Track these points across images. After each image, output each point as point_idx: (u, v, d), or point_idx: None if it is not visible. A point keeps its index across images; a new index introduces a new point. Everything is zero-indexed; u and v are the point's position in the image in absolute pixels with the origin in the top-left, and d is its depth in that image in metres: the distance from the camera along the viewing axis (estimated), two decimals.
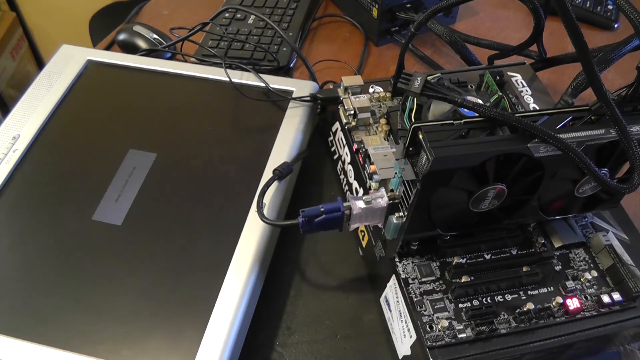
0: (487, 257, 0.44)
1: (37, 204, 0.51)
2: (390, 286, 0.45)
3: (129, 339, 0.43)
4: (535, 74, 0.55)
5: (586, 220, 0.48)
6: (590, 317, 0.42)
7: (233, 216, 0.50)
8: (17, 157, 0.54)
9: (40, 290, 0.45)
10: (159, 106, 0.60)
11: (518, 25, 0.80)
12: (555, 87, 0.70)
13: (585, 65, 0.35)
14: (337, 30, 0.78)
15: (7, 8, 1.38)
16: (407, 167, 0.39)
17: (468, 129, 0.38)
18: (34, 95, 0.59)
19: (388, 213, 0.42)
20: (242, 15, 0.76)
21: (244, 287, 0.45)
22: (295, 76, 0.71)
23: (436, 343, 0.40)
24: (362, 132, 0.51)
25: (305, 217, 0.42)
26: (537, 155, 0.38)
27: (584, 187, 0.43)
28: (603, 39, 0.78)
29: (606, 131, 0.38)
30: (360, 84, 0.52)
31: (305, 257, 0.53)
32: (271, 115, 0.58)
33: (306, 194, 0.58)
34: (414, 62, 0.74)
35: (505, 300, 0.42)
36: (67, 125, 0.57)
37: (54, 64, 0.63)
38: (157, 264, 0.47)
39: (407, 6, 0.71)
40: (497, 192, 0.40)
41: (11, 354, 0.42)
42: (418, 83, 0.40)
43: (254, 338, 0.47)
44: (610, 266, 0.44)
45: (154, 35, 0.70)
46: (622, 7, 0.36)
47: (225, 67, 0.60)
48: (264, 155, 0.54)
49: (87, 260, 0.47)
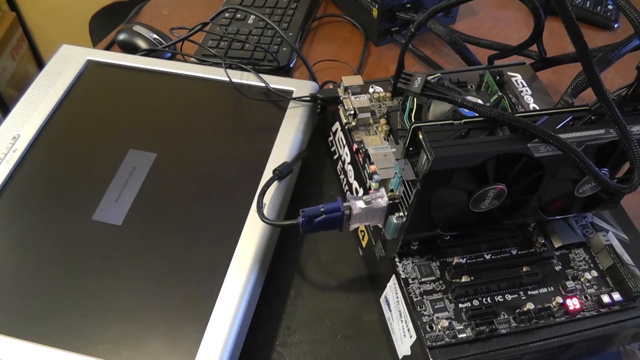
0: (487, 257, 0.44)
1: (37, 204, 0.51)
2: (390, 286, 0.45)
3: (129, 339, 0.43)
4: (535, 74, 0.55)
5: (586, 220, 0.48)
6: (590, 317, 0.42)
7: (233, 216, 0.50)
8: (17, 157, 0.54)
9: (40, 290, 0.45)
10: (159, 106, 0.60)
11: (518, 25, 0.80)
12: (555, 87, 0.70)
13: (585, 65, 0.35)
14: (337, 30, 0.78)
15: (7, 8, 1.38)
16: (407, 167, 0.39)
17: (468, 129, 0.38)
18: (34, 95, 0.59)
19: (388, 213, 0.42)
20: (242, 15, 0.76)
21: (244, 287, 0.45)
22: (295, 76, 0.71)
23: (436, 343, 0.40)
24: (362, 132, 0.51)
25: (305, 217, 0.42)
26: (537, 155, 0.38)
27: (584, 187, 0.43)
28: (603, 39, 0.78)
29: (606, 131, 0.38)
30: (360, 84, 0.52)
31: (305, 257, 0.53)
32: (271, 115, 0.58)
33: (306, 194, 0.58)
34: (414, 62, 0.74)
35: (505, 300, 0.42)
36: (67, 125, 0.57)
37: (54, 64, 0.63)
38: (157, 264, 0.47)
39: (407, 6, 0.71)
40: (497, 192, 0.40)
41: (11, 354, 0.42)
42: (418, 83, 0.40)
43: (254, 338, 0.47)
44: (610, 266, 0.44)
45: (154, 35, 0.70)
46: (622, 7, 0.36)
47: (225, 67, 0.60)
48: (264, 155, 0.54)
49: (87, 260, 0.47)
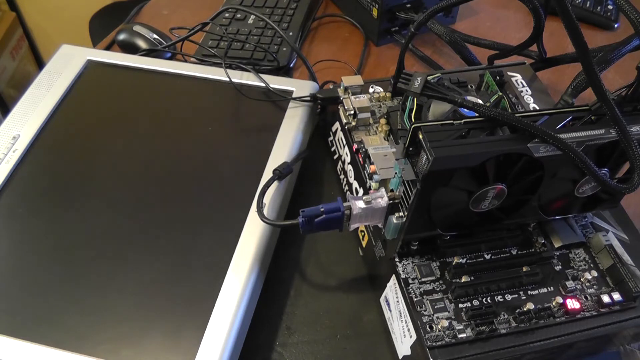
0: (487, 257, 0.44)
1: (37, 204, 0.51)
2: (390, 286, 0.45)
3: (129, 339, 0.43)
4: (535, 74, 0.55)
5: (586, 220, 0.48)
6: (590, 317, 0.42)
7: (233, 216, 0.50)
8: (17, 157, 0.54)
9: (40, 290, 0.45)
10: (159, 106, 0.60)
11: (518, 25, 0.80)
12: (555, 87, 0.70)
13: (585, 65, 0.35)
14: (337, 30, 0.78)
15: (7, 8, 1.38)
16: (407, 167, 0.39)
17: (468, 129, 0.38)
18: (34, 95, 0.59)
19: (388, 213, 0.42)
20: (242, 15, 0.76)
21: (244, 287, 0.45)
22: (295, 76, 0.71)
23: (436, 343, 0.40)
24: (362, 132, 0.51)
25: (305, 217, 0.42)
26: (537, 155, 0.38)
27: (584, 187, 0.43)
28: (603, 39, 0.78)
29: (606, 131, 0.38)
30: (360, 84, 0.52)
31: (305, 257, 0.53)
32: (271, 115, 0.58)
33: (306, 194, 0.58)
34: (414, 62, 0.74)
35: (505, 300, 0.42)
36: (67, 125, 0.57)
37: (54, 64, 0.63)
38: (157, 264, 0.47)
39: (407, 6, 0.71)
40: (497, 192, 0.40)
41: (11, 354, 0.42)
42: (418, 83, 0.40)
43: (254, 338, 0.47)
44: (610, 266, 0.44)
45: (154, 35, 0.70)
46: (622, 7, 0.36)
47: (225, 67, 0.60)
48: (264, 155, 0.54)
49: (87, 260, 0.47)
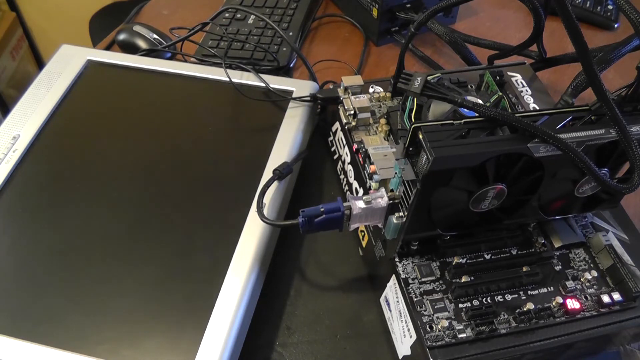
0: (487, 257, 0.44)
1: (37, 204, 0.51)
2: (390, 286, 0.45)
3: (129, 339, 0.43)
4: (535, 74, 0.55)
5: (586, 220, 0.48)
6: (590, 317, 0.42)
7: (233, 216, 0.50)
8: (17, 157, 0.54)
9: (40, 290, 0.45)
10: (159, 106, 0.60)
11: (518, 25, 0.80)
12: (555, 87, 0.70)
13: (585, 65, 0.35)
14: (337, 30, 0.78)
15: (7, 8, 1.38)
16: (407, 167, 0.39)
17: (468, 129, 0.38)
18: (34, 95, 0.59)
19: (388, 213, 0.42)
20: (242, 15, 0.76)
21: (244, 287, 0.45)
22: (295, 76, 0.71)
23: (436, 343, 0.40)
24: (362, 132, 0.51)
25: (305, 217, 0.42)
26: (537, 155, 0.38)
27: (584, 187, 0.43)
28: (603, 39, 0.78)
29: (606, 131, 0.38)
30: (360, 84, 0.52)
31: (305, 257, 0.53)
32: (271, 115, 0.58)
33: (306, 194, 0.58)
34: (414, 62, 0.74)
35: (505, 300, 0.42)
36: (67, 125, 0.57)
37: (54, 64, 0.63)
38: (157, 264, 0.47)
39: (407, 6, 0.71)
40: (497, 192, 0.40)
41: (11, 354, 0.42)
42: (418, 83, 0.40)
43: (254, 338, 0.47)
44: (610, 266, 0.44)
45: (154, 35, 0.70)
46: (622, 7, 0.36)
47: (225, 67, 0.60)
48: (264, 155, 0.54)
49: (87, 260, 0.47)
